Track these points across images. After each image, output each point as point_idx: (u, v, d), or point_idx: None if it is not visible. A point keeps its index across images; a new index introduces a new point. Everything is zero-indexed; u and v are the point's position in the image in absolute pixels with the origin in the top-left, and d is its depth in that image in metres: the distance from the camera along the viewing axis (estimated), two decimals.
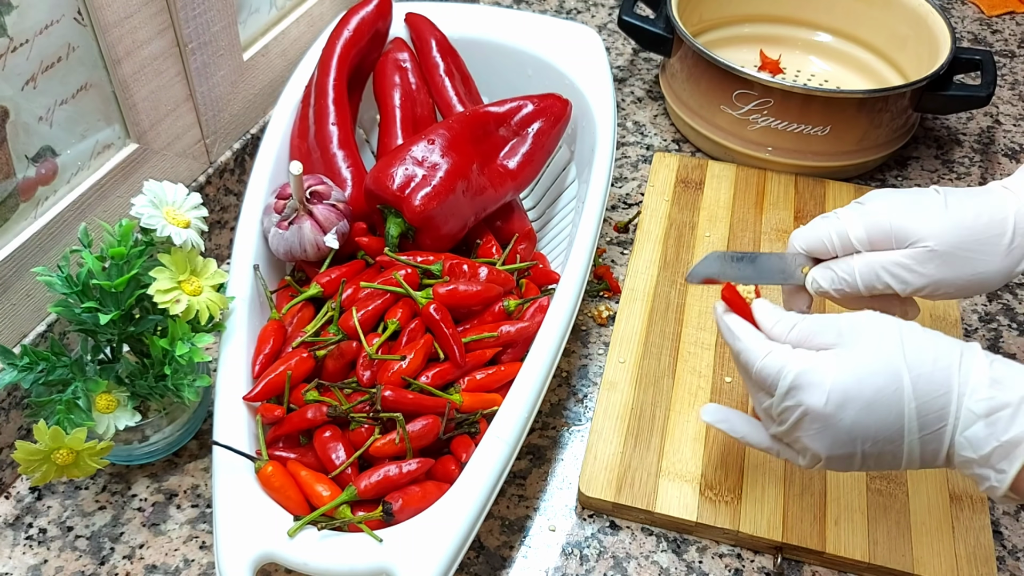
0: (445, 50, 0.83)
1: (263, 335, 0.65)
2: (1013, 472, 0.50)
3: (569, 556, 0.65)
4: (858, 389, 0.52)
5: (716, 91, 0.93)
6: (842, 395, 0.52)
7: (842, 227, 0.62)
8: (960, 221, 0.60)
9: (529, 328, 0.67)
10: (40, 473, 0.57)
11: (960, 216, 0.60)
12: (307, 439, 0.62)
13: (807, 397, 0.53)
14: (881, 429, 0.52)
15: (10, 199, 0.63)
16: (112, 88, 0.69)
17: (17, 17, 0.59)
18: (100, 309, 0.58)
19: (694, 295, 0.82)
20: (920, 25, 0.99)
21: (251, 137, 0.85)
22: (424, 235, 0.70)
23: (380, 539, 0.54)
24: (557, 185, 0.84)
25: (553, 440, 0.73)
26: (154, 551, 0.65)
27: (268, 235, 0.69)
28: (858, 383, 0.52)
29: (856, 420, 0.52)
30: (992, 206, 0.60)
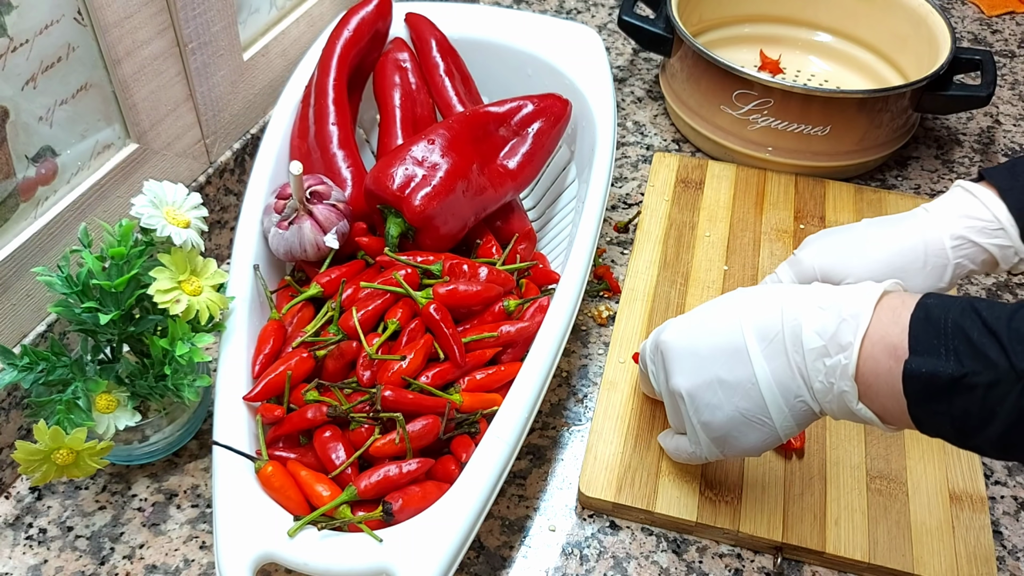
0: (445, 50, 0.83)
1: (263, 335, 0.65)
2: (859, 339, 0.51)
3: (569, 556, 0.65)
4: (698, 318, 0.60)
5: (716, 91, 0.93)
6: (685, 323, 0.61)
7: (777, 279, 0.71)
8: (876, 256, 0.67)
9: (529, 328, 0.67)
10: (40, 473, 0.57)
11: (876, 251, 0.67)
12: (307, 439, 0.62)
13: (662, 336, 0.62)
14: (725, 343, 0.57)
15: (10, 199, 0.63)
16: (112, 88, 0.69)
17: (17, 17, 0.59)
18: (100, 309, 0.58)
19: (694, 295, 0.82)
20: (920, 25, 0.99)
21: (251, 137, 0.85)
22: (424, 235, 0.70)
23: (380, 539, 0.54)
24: (557, 185, 0.84)
25: (553, 440, 0.73)
26: (154, 551, 0.65)
27: (268, 235, 0.69)
28: (697, 314, 0.60)
29: (698, 338, 0.59)
30: (906, 235, 0.67)
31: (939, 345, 0.49)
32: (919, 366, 0.49)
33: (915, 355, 0.49)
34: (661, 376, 0.62)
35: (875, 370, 0.51)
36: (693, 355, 0.59)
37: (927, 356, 0.49)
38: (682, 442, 0.64)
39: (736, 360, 0.56)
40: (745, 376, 0.56)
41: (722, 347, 0.57)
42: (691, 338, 0.59)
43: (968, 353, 0.48)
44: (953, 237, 0.66)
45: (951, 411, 0.49)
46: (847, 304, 0.52)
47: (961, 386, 0.48)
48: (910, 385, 0.49)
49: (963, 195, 0.67)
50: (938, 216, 0.67)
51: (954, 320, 0.49)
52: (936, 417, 0.50)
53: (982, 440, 0.49)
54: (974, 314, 0.49)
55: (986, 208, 0.66)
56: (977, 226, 0.66)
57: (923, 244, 0.66)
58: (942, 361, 0.48)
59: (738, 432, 0.58)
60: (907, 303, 0.51)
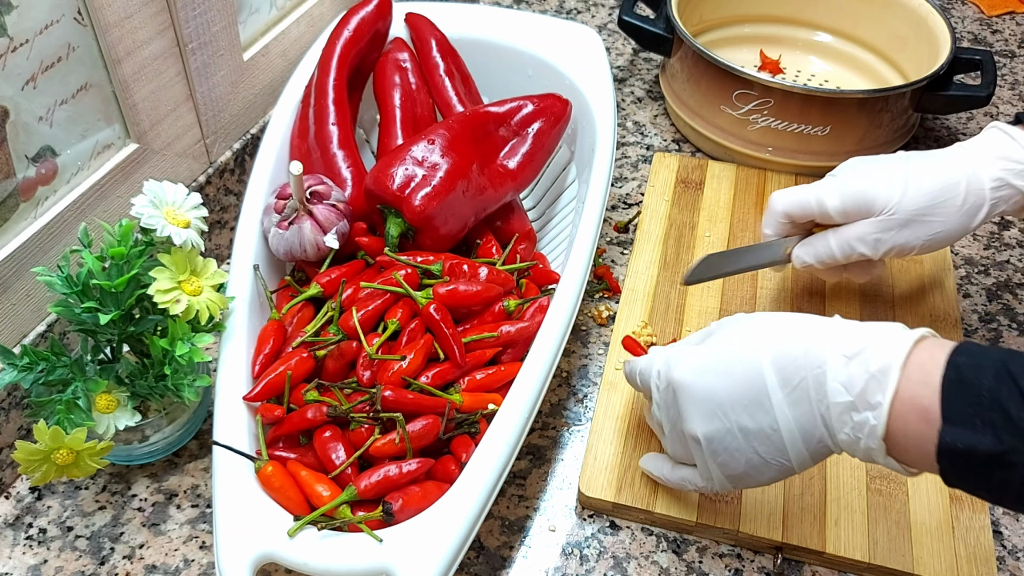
0: (445, 50, 0.83)
1: (263, 335, 0.65)
2: (888, 400, 0.49)
3: (569, 556, 0.66)
4: (716, 357, 0.56)
5: (716, 91, 0.93)
6: (702, 363, 0.56)
7: (821, 196, 0.70)
8: (919, 189, 0.67)
9: (529, 328, 0.67)
10: (40, 473, 0.57)
11: (918, 184, 0.68)
12: (307, 439, 0.62)
13: (674, 374, 0.58)
14: (744, 389, 0.54)
15: (10, 199, 0.63)
16: (112, 88, 0.69)
17: (17, 17, 0.59)
18: (100, 309, 0.58)
19: (694, 295, 0.82)
20: (920, 25, 0.99)
21: (251, 137, 0.85)
22: (424, 235, 0.70)
23: (380, 539, 0.54)
24: (557, 185, 0.84)
25: (553, 440, 0.73)
26: (154, 551, 0.65)
27: (268, 235, 0.69)
28: (715, 353, 0.57)
29: (716, 383, 0.55)
30: (947, 171, 0.68)
31: (974, 416, 0.46)
32: (954, 439, 0.46)
33: (949, 424, 0.47)
34: (672, 414, 0.59)
35: (904, 431, 0.49)
36: (711, 401, 0.55)
37: (962, 427, 0.46)
38: (688, 474, 0.62)
39: (757, 407, 0.54)
40: (767, 423, 0.54)
41: (743, 394, 0.54)
42: (709, 383, 0.56)
43: (1007, 428, 0.45)
44: (992, 178, 0.67)
45: (988, 483, 0.47)
46: (875, 356, 0.50)
47: (1000, 462, 0.45)
48: (945, 456, 0.47)
49: (1001, 136, 0.68)
50: (978, 155, 0.67)
51: (989, 388, 0.46)
52: (971, 484, 0.48)
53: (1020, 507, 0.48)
54: (1011, 382, 0.45)
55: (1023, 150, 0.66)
56: (1016, 169, 0.66)
57: (965, 181, 0.67)
58: (979, 435, 0.46)
59: (755, 471, 0.56)
60: (936, 358, 0.49)
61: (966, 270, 0.88)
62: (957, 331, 0.79)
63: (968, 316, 0.84)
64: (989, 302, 0.85)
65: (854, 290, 0.82)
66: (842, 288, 0.82)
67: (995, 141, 0.68)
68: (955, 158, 0.68)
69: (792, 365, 0.53)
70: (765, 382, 0.53)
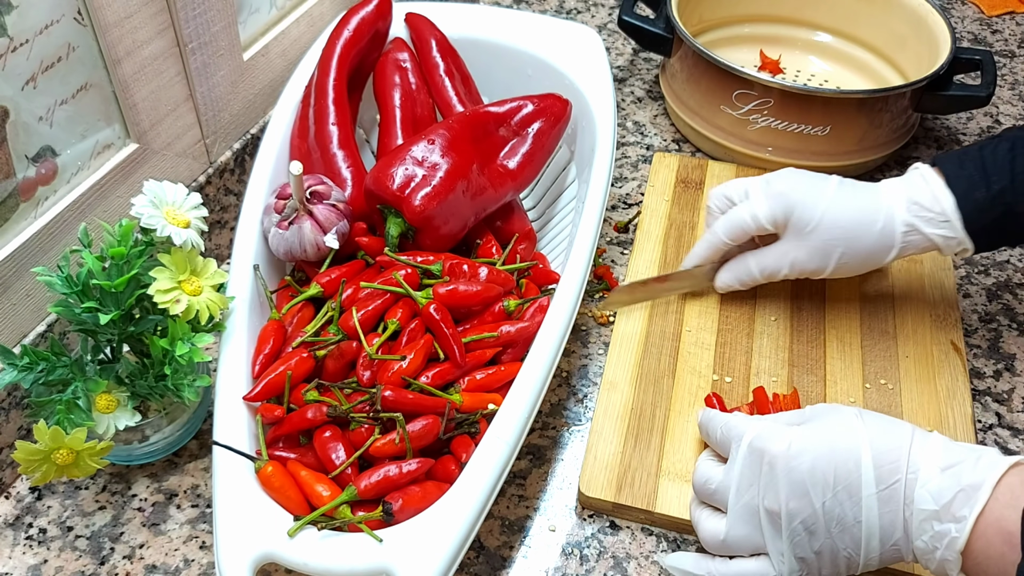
0: (445, 50, 0.83)
1: (263, 335, 0.65)
2: (974, 516, 0.50)
3: (569, 556, 0.65)
4: (817, 440, 0.56)
5: (716, 91, 0.93)
6: (802, 442, 0.56)
7: (754, 210, 0.74)
8: (838, 214, 0.71)
9: (529, 328, 0.67)
10: (40, 473, 0.57)
11: (839, 210, 0.71)
12: (307, 439, 0.62)
13: (770, 445, 0.57)
14: (839, 476, 0.54)
15: (10, 199, 0.63)
16: (112, 88, 0.69)
17: (17, 17, 0.59)
18: (100, 309, 0.58)
19: (694, 295, 0.82)
20: (920, 25, 0.99)
21: (251, 137, 0.85)
22: (424, 235, 0.70)
23: (380, 539, 0.54)
24: (557, 185, 0.84)
25: (553, 440, 0.73)
26: (154, 551, 0.65)
27: (268, 235, 0.69)
28: (818, 436, 0.56)
29: (814, 465, 0.55)
30: (869, 206, 0.71)
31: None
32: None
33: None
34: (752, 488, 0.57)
35: (986, 551, 0.50)
36: (807, 480, 0.55)
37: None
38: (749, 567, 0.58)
39: (847, 496, 0.54)
40: (852, 514, 0.54)
41: (838, 479, 0.54)
42: (808, 462, 0.55)
43: None
44: (904, 223, 0.70)
45: None
46: (968, 472, 0.51)
47: None
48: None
49: (918, 180, 0.71)
50: (897, 197, 0.71)
51: None
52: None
53: None
54: None
55: (934, 197, 0.69)
56: (925, 216, 0.70)
57: (881, 220, 0.71)
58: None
59: (822, 560, 0.56)
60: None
61: (966, 270, 0.88)
62: (957, 331, 0.79)
63: (968, 316, 0.84)
64: (989, 302, 0.85)
65: (855, 290, 0.82)
66: (842, 288, 0.82)
67: (912, 185, 0.71)
68: (879, 195, 0.71)
69: (891, 466, 0.53)
70: (861, 475, 0.54)
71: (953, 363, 0.76)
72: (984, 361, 0.80)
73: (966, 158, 0.70)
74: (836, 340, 0.78)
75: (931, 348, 0.78)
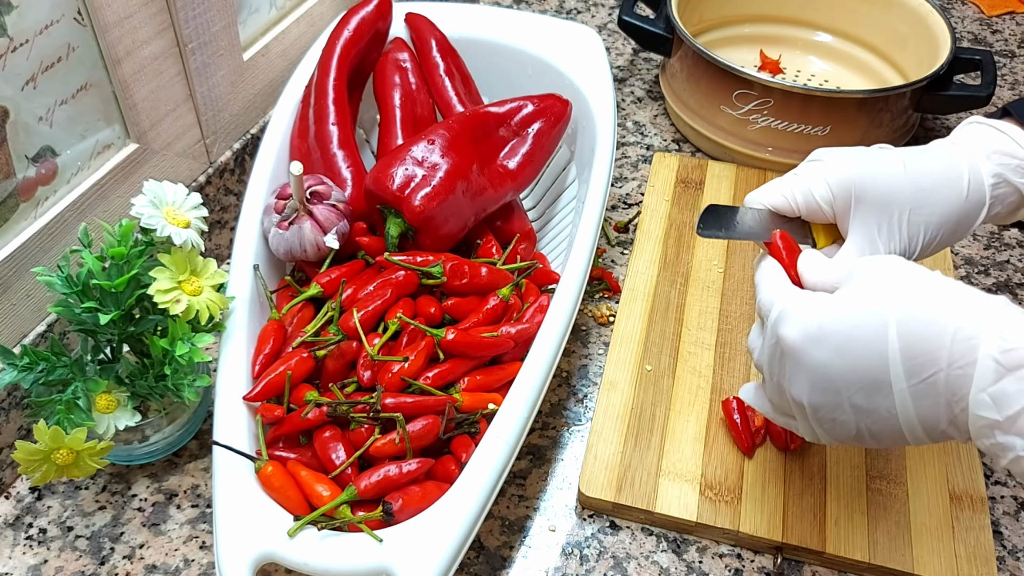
0: (445, 50, 0.83)
1: (263, 335, 0.65)
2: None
3: (569, 556, 0.66)
4: (834, 324, 0.49)
5: (716, 91, 0.93)
6: (816, 328, 0.49)
7: (806, 187, 0.60)
8: (919, 181, 0.58)
9: (529, 328, 0.67)
10: (40, 473, 0.57)
11: (918, 176, 0.58)
12: (307, 439, 0.62)
13: (783, 330, 0.50)
14: (860, 370, 0.47)
15: (10, 199, 0.63)
16: (112, 88, 0.69)
17: (17, 17, 0.59)
18: (100, 309, 0.58)
19: (694, 295, 0.82)
20: (920, 25, 0.99)
21: (251, 137, 0.85)
22: (424, 235, 0.70)
23: (380, 539, 0.54)
24: (557, 185, 0.84)
25: (553, 440, 0.73)
26: (154, 551, 0.65)
27: (268, 235, 0.69)
28: (834, 318, 0.49)
29: (830, 358, 0.48)
30: (948, 164, 0.59)
31: None
32: None
33: None
34: (776, 371, 0.53)
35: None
36: (823, 374, 0.49)
37: None
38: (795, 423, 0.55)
39: (875, 390, 0.48)
40: (884, 406, 0.48)
41: (861, 371, 0.48)
42: (821, 357, 0.49)
43: None
44: (991, 175, 0.59)
45: None
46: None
47: None
48: None
49: (989, 131, 0.61)
50: (971, 149, 0.60)
51: None
52: None
53: None
54: None
55: (1019, 146, 0.60)
56: (1012, 164, 0.60)
57: (967, 177, 0.59)
58: None
59: (864, 440, 0.50)
60: None
61: (966, 270, 0.88)
62: None
63: None
64: None
65: None
66: None
67: (986, 137, 0.61)
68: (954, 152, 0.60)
69: (927, 353, 0.45)
70: (888, 368, 0.47)
71: None
72: None
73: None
74: None
75: None
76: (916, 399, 0.46)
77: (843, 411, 0.49)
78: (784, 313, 0.51)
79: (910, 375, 0.46)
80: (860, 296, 0.49)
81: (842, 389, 0.49)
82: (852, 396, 0.48)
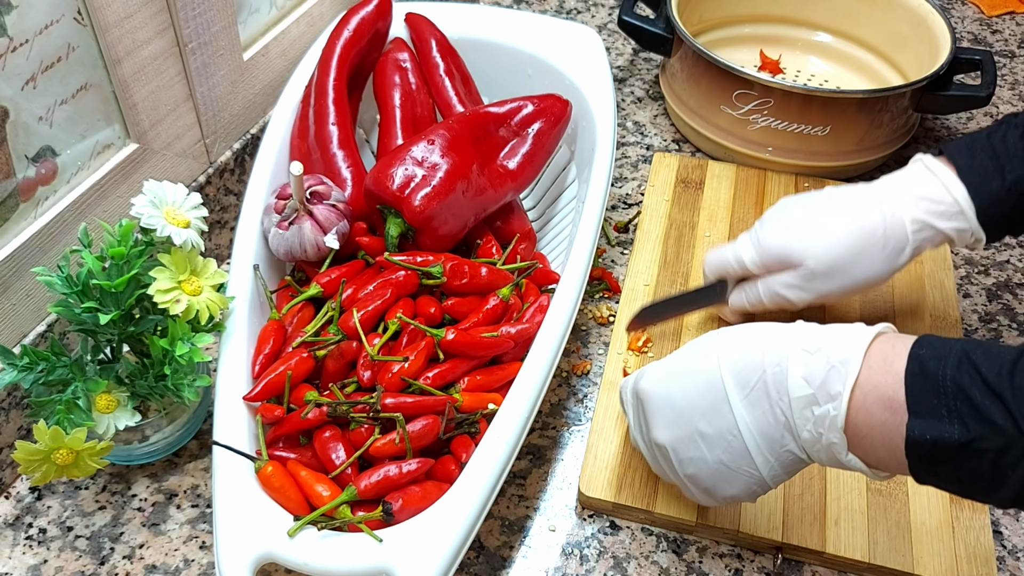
0: (445, 50, 0.83)
1: (263, 335, 0.65)
2: (848, 388, 0.48)
3: (569, 556, 0.65)
4: (677, 365, 0.57)
5: (716, 91, 0.93)
6: (664, 372, 0.58)
7: (739, 253, 0.72)
8: (837, 240, 0.67)
9: (529, 328, 0.67)
10: (40, 473, 0.57)
11: (836, 235, 0.67)
12: (307, 439, 0.62)
13: (640, 384, 0.59)
14: (700, 394, 0.54)
15: (10, 199, 0.63)
16: (112, 88, 0.69)
17: (17, 17, 0.59)
18: (100, 309, 0.58)
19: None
20: (920, 25, 0.99)
21: (251, 137, 0.85)
22: (424, 235, 0.70)
23: (380, 539, 0.54)
24: (557, 185, 0.84)
25: (553, 440, 0.73)
26: (154, 551, 0.65)
27: (268, 235, 0.69)
28: (677, 361, 0.58)
29: (674, 390, 0.56)
30: (865, 217, 0.67)
31: (940, 406, 0.46)
32: (923, 431, 0.46)
33: (915, 417, 0.46)
34: (642, 425, 0.60)
35: (868, 422, 0.48)
36: (671, 407, 0.56)
37: (929, 418, 0.46)
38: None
39: (715, 411, 0.53)
40: (726, 427, 0.53)
41: (700, 397, 0.54)
42: (668, 388, 0.57)
43: (972, 416, 0.45)
44: (913, 220, 0.66)
45: (958, 474, 0.46)
46: (835, 349, 0.50)
47: (968, 451, 0.45)
48: (913, 449, 0.47)
49: (923, 173, 0.67)
50: (898, 195, 0.67)
51: (952, 377, 0.46)
52: (940, 478, 0.48)
53: (992, 499, 0.47)
54: (972, 369, 0.46)
55: (945, 190, 0.66)
56: (937, 210, 0.66)
57: (883, 226, 0.66)
58: (945, 425, 0.45)
59: (725, 483, 0.55)
60: (899, 350, 0.49)
61: (966, 270, 0.88)
62: (957, 331, 0.79)
63: (968, 316, 0.84)
64: (989, 302, 0.85)
65: None
66: None
67: (918, 179, 0.67)
68: (876, 200, 0.67)
69: (749, 367, 0.52)
70: (723, 385, 0.53)
71: None
72: None
73: (976, 147, 0.67)
74: None
75: None
76: (750, 408, 0.52)
77: (696, 445, 0.55)
78: (637, 375, 0.61)
79: (741, 386, 0.53)
80: (691, 346, 0.58)
81: (689, 417, 0.55)
82: (698, 424, 0.55)
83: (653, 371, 0.59)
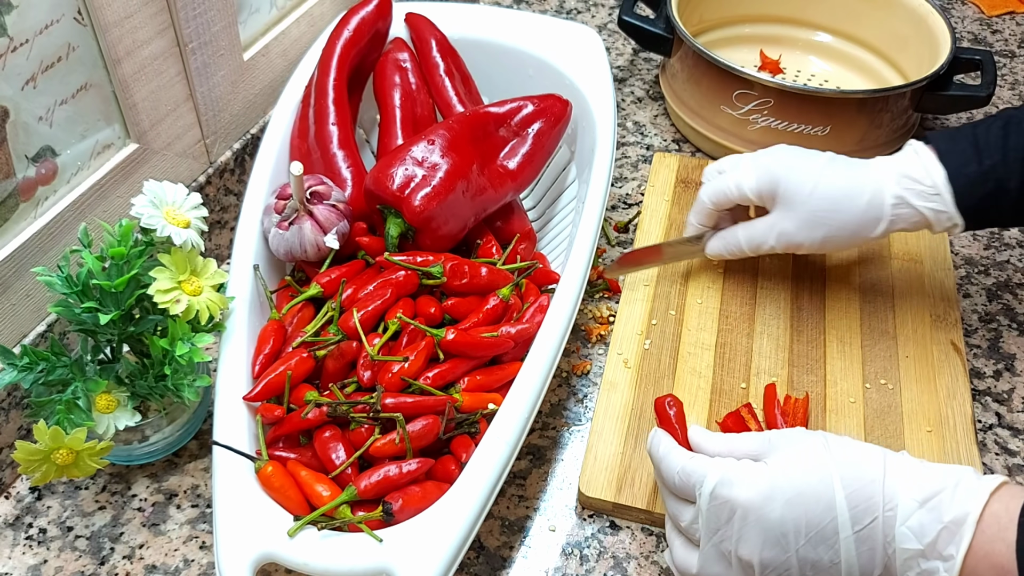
0: (445, 50, 0.83)
1: (263, 335, 0.65)
2: (961, 554, 0.49)
3: (569, 556, 0.66)
4: (787, 482, 0.53)
5: (716, 91, 0.93)
6: (770, 487, 0.53)
7: (740, 180, 0.74)
8: (827, 189, 0.71)
9: (529, 329, 0.67)
10: (40, 473, 0.57)
11: (828, 184, 0.72)
12: (307, 439, 0.62)
13: (736, 492, 0.53)
14: (812, 522, 0.52)
15: (10, 199, 0.63)
16: (112, 88, 0.69)
17: (17, 17, 0.59)
18: (100, 309, 0.58)
19: (694, 295, 0.82)
20: (920, 25, 0.99)
21: (251, 137, 0.85)
22: (424, 235, 0.70)
23: (380, 539, 0.54)
24: (557, 185, 0.84)
25: (553, 440, 0.73)
26: (154, 551, 0.65)
27: (268, 235, 0.69)
28: (786, 477, 0.53)
29: (785, 512, 0.52)
30: (857, 179, 0.71)
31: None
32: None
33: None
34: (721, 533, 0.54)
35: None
36: (778, 530, 0.52)
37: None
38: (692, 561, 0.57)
39: (822, 541, 0.52)
40: (828, 557, 0.52)
41: (812, 526, 0.52)
42: (778, 511, 0.52)
43: None
44: (893, 195, 0.70)
45: None
46: (949, 505, 0.50)
47: None
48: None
49: (910, 155, 0.71)
50: (886, 171, 0.71)
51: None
52: None
53: None
54: None
55: (925, 171, 0.70)
56: (916, 188, 0.70)
57: (869, 194, 0.71)
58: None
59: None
60: (1011, 511, 0.49)
61: (966, 270, 0.88)
62: (957, 331, 0.79)
63: (968, 316, 0.84)
64: (989, 302, 0.85)
65: (854, 289, 0.82)
66: (842, 288, 0.82)
67: (904, 159, 0.71)
68: (870, 172, 0.72)
69: (866, 503, 0.51)
70: (837, 516, 0.52)
71: (953, 363, 0.76)
72: (984, 361, 0.80)
73: (959, 135, 0.70)
74: (836, 340, 0.78)
75: (931, 348, 0.78)
76: (859, 544, 0.51)
77: (790, 565, 0.52)
78: (727, 478, 0.54)
79: (855, 522, 0.51)
80: (801, 459, 0.54)
81: (792, 542, 0.52)
82: (800, 548, 0.52)
83: (752, 481, 0.53)
